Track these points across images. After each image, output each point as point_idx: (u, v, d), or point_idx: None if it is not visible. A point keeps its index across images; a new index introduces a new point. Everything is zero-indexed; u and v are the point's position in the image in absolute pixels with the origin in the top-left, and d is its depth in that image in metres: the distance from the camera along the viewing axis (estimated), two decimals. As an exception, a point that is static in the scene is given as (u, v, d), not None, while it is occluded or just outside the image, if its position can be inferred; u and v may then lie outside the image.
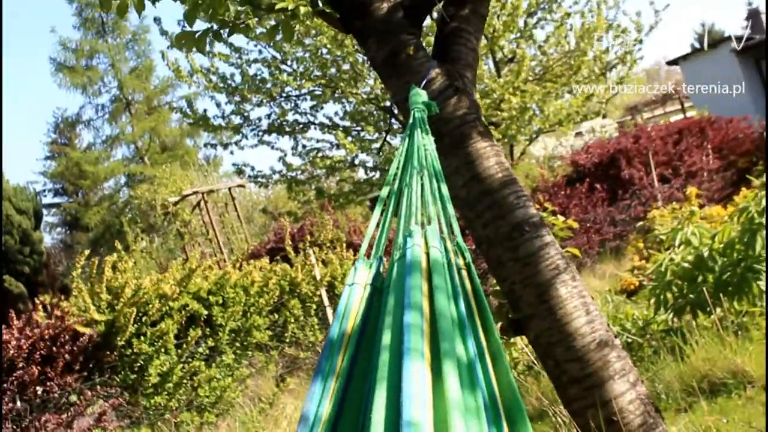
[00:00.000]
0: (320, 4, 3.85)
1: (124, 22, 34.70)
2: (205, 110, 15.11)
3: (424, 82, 3.55)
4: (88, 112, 37.24)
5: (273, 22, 4.31)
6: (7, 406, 7.59)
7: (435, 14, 4.09)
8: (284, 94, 15.21)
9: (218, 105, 15.23)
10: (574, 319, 3.29)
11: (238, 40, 15.00)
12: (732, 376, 5.24)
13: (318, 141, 15.72)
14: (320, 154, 15.65)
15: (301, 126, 15.50)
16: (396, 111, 3.87)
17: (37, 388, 7.87)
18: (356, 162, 15.93)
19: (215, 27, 3.92)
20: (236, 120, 15.20)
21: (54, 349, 7.99)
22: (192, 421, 9.11)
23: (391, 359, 2.17)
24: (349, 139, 14.94)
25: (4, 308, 9.65)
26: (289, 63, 14.84)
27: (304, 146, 15.64)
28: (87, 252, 9.79)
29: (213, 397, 9.36)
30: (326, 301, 10.56)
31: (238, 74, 14.74)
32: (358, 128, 15.43)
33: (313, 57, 14.49)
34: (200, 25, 3.86)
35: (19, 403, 7.75)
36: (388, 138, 14.07)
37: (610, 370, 3.26)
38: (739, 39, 24.03)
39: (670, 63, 27.16)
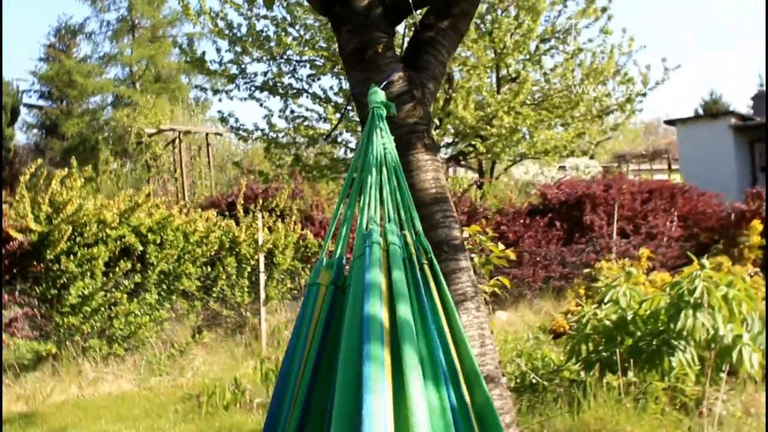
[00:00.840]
0: (304, -19, 3.85)
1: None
2: (203, 52, 15.00)
3: (384, 83, 3.54)
4: (91, 25, 37.17)
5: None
6: None
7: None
8: (285, 57, 15.15)
9: (218, 51, 15.17)
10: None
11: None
12: (617, 440, 5.28)
13: (307, 110, 15.71)
14: (306, 123, 15.63)
15: (294, 91, 15.47)
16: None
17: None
18: (339, 139, 15.93)
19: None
20: (233, 69, 15.13)
21: (-19, 246, 7.95)
22: (100, 349, 9.11)
23: (350, 366, 2.14)
24: (338, 115, 14.93)
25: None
26: (297, 27, 14.77)
27: (292, 111, 15.62)
28: (39, 161, 9.73)
29: (127, 331, 9.35)
30: (262, 267, 10.55)
31: (245, 25, 14.66)
32: (350, 107, 15.40)
33: (322, 28, 14.44)
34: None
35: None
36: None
37: (488, 407, 3.26)
38: (740, 117, 24.26)
39: (668, 122, 27.32)
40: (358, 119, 15.03)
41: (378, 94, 3.11)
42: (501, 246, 6.17)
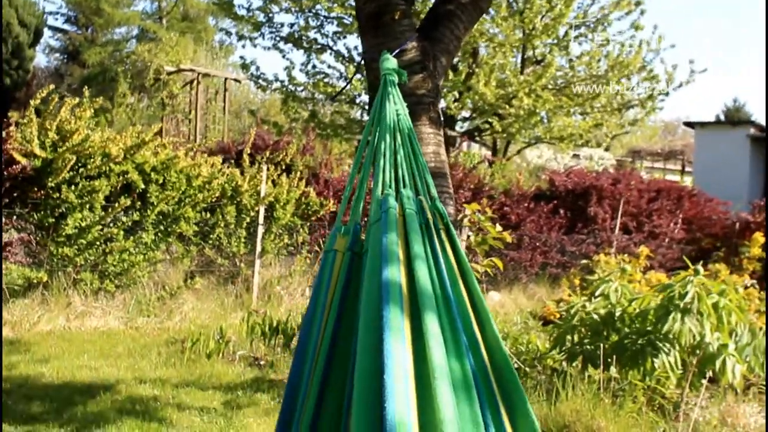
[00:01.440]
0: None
1: None
2: (233, -5, 14.89)
3: (398, 50, 3.51)
4: (125, -47, 36.60)
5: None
6: None
7: None
8: (313, 11, 15.04)
9: (248, -5, 15.06)
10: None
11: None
12: (588, 435, 5.29)
13: (329, 67, 15.62)
14: (326, 80, 15.56)
15: (318, 46, 15.36)
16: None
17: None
18: (357, 101, 15.88)
19: None
20: (260, 17, 15.04)
21: (-16, 166, 7.93)
22: (91, 283, 9.12)
23: (370, 331, 2.12)
24: (359, 76, 14.86)
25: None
26: (329, -17, 14.66)
27: (314, 66, 15.52)
28: (52, 86, 9.68)
29: (120, 268, 9.37)
30: (261, 219, 10.55)
31: (277, -27, 14.56)
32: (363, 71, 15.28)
33: (355, -15, 14.26)
34: None
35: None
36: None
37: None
38: (759, 128, 24.05)
39: (687, 124, 27.17)
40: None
41: (390, 61, 3.07)
42: (499, 227, 6.14)
